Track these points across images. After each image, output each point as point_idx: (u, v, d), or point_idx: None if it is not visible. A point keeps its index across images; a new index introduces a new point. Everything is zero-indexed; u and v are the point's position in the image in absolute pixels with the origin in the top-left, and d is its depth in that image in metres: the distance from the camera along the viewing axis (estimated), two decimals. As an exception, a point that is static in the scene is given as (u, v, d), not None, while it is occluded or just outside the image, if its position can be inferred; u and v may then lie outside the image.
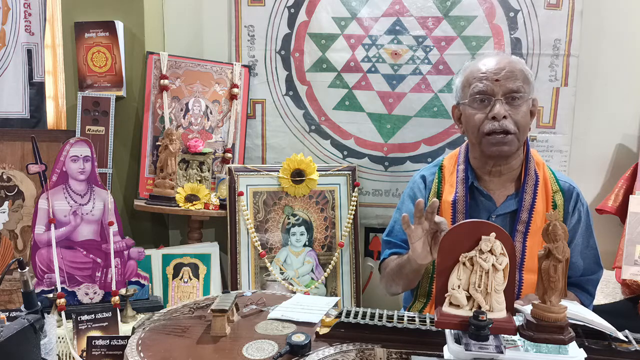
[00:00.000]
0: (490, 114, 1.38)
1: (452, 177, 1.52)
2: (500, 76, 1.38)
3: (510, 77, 1.38)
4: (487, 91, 1.39)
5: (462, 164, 1.52)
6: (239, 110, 2.11)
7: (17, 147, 1.88)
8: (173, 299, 1.88)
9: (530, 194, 1.44)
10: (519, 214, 1.43)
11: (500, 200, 1.47)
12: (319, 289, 1.99)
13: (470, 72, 1.45)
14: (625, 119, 2.08)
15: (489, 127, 1.38)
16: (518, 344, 0.94)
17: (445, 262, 0.93)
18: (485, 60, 1.45)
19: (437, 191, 1.54)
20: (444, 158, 1.60)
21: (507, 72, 1.38)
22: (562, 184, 1.48)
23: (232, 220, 1.94)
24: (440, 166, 1.58)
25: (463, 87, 1.46)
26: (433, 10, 2.01)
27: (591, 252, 1.49)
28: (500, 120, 1.37)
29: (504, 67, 1.39)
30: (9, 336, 1.05)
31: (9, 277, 1.82)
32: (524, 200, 1.43)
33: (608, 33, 2.04)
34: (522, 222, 1.43)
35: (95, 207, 1.60)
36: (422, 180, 1.59)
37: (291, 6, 2.07)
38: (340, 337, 1.07)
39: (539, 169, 1.48)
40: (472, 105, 1.42)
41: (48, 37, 2.03)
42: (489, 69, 1.40)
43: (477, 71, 1.42)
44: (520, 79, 1.39)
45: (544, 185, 1.46)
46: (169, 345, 1.05)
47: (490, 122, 1.38)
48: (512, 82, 1.38)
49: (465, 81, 1.45)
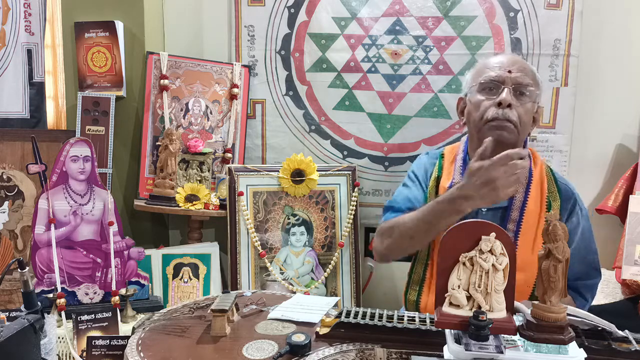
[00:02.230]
0: (496, 100, 1.40)
1: (451, 167, 1.54)
2: (513, 68, 1.42)
3: (522, 71, 1.42)
4: (498, 79, 1.42)
5: (461, 153, 1.54)
6: (239, 110, 2.11)
7: (17, 147, 1.88)
8: (173, 299, 1.88)
9: (522, 192, 1.43)
10: (509, 212, 1.43)
11: None
12: (319, 289, 1.99)
13: (484, 64, 1.49)
14: (625, 119, 2.08)
15: (492, 114, 1.40)
16: (518, 344, 0.94)
17: (445, 262, 0.93)
18: (499, 56, 1.50)
19: (437, 180, 1.55)
20: (445, 148, 1.63)
21: (519, 67, 1.43)
22: (560, 185, 1.47)
23: (232, 220, 1.94)
24: (441, 155, 1.60)
25: (474, 77, 1.50)
26: (433, 10, 2.01)
27: (591, 257, 1.47)
28: (505, 108, 1.39)
29: (518, 62, 1.44)
30: (9, 336, 1.05)
31: (9, 277, 1.82)
32: (515, 198, 1.43)
33: (608, 33, 2.04)
34: (513, 220, 1.42)
35: (95, 207, 1.60)
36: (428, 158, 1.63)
37: (291, 6, 2.07)
38: (340, 337, 1.07)
39: (536, 168, 1.47)
40: (480, 91, 1.45)
41: (48, 37, 2.03)
42: (503, 61, 1.45)
43: (491, 62, 1.47)
44: (531, 77, 1.43)
45: (538, 185, 1.45)
46: (169, 345, 1.05)
47: (494, 109, 1.40)
48: (523, 77, 1.41)
49: (478, 72, 1.49)
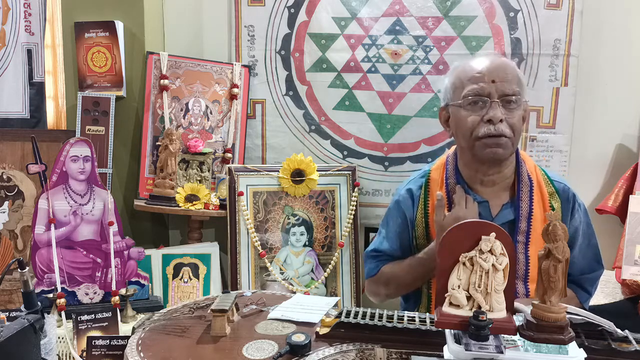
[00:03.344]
0: (485, 117, 1.31)
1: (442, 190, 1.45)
2: (496, 77, 1.31)
3: (507, 79, 1.32)
4: (483, 93, 1.32)
5: (452, 177, 1.44)
6: (239, 110, 2.11)
7: (17, 147, 1.88)
8: (173, 299, 1.88)
9: (527, 201, 1.39)
10: (518, 224, 1.38)
11: (496, 210, 1.41)
12: (319, 289, 1.99)
13: (463, 72, 1.37)
14: (625, 119, 2.08)
15: (483, 131, 1.31)
16: (518, 344, 0.94)
17: (445, 262, 0.93)
18: (478, 60, 1.37)
19: (424, 207, 1.47)
20: (431, 169, 1.51)
21: (502, 74, 1.32)
22: (556, 184, 1.43)
23: (232, 220, 1.94)
24: (427, 179, 1.49)
25: (455, 88, 1.38)
26: (433, 10, 2.01)
27: (592, 250, 1.47)
28: (497, 123, 1.30)
29: (499, 68, 1.33)
30: (9, 336, 1.05)
31: (9, 277, 1.82)
32: (520, 209, 1.38)
33: (608, 33, 2.04)
34: (522, 232, 1.38)
35: (95, 207, 1.60)
36: (409, 196, 1.51)
37: (291, 6, 2.07)
38: (340, 337, 1.07)
39: (532, 172, 1.43)
40: (465, 107, 1.34)
41: (48, 37, 2.03)
42: (484, 69, 1.33)
43: (472, 71, 1.35)
44: (515, 82, 1.33)
45: (539, 190, 1.41)
46: (169, 345, 1.05)
47: (485, 125, 1.31)
48: (509, 85, 1.32)
49: (457, 81, 1.37)
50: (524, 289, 1.38)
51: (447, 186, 1.44)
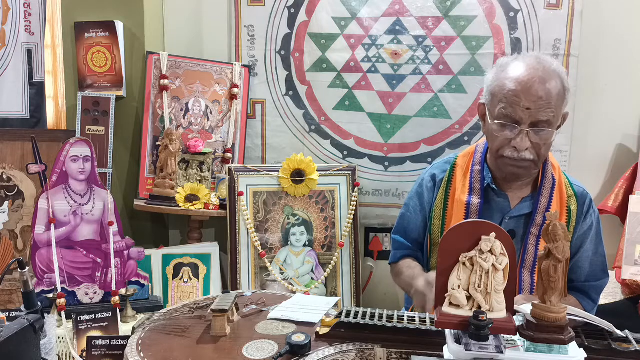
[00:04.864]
0: (512, 143, 1.30)
1: (465, 178, 1.48)
2: (532, 105, 1.26)
3: (544, 107, 1.26)
4: (514, 118, 1.29)
5: (479, 164, 1.46)
6: (239, 110, 2.11)
7: (17, 147, 1.88)
8: (173, 299, 1.88)
9: (547, 197, 1.42)
10: (534, 217, 1.41)
11: (515, 202, 1.44)
12: (319, 289, 1.99)
13: (502, 84, 1.31)
14: (625, 119, 2.08)
15: (508, 154, 1.33)
16: (518, 344, 0.94)
17: (445, 262, 0.93)
18: (520, 70, 1.30)
19: (446, 190, 1.51)
20: (458, 156, 1.54)
21: (539, 100, 1.26)
22: (576, 188, 1.46)
23: (232, 220, 1.94)
24: (453, 164, 1.52)
25: (492, 95, 1.35)
26: (433, 10, 2.01)
27: (599, 259, 1.48)
28: (522, 152, 1.30)
29: (539, 90, 1.26)
30: (9, 336, 1.05)
31: (9, 277, 1.82)
32: (539, 203, 1.41)
33: (608, 33, 2.04)
34: (537, 225, 1.41)
35: (95, 207, 1.60)
36: (431, 179, 1.55)
37: (291, 6, 2.07)
38: (340, 337, 1.07)
39: (555, 172, 1.45)
40: (496, 118, 1.33)
41: (48, 37, 2.03)
42: (521, 92, 1.27)
43: (510, 85, 1.29)
44: (555, 105, 1.27)
45: (559, 189, 1.44)
46: (169, 345, 1.05)
47: (510, 149, 1.32)
48: (544, 113, 1.27)
49: (496, 90, 1.34)
50: (529, 280, 1.41)
51: (471, 173, 1.48)
